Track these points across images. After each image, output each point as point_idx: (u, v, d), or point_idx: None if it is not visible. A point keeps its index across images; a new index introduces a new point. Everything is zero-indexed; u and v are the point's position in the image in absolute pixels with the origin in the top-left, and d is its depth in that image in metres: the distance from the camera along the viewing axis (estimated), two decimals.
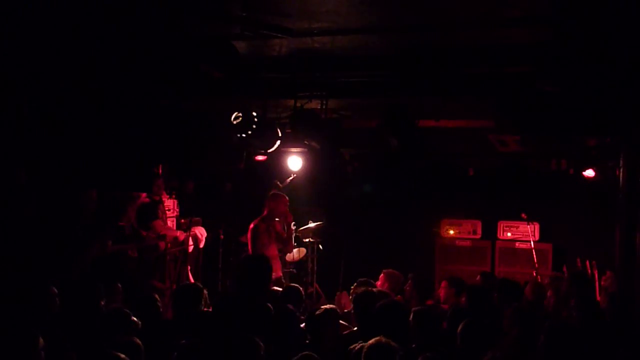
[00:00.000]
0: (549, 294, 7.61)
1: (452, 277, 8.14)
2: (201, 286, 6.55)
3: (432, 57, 7.08)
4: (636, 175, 6.48)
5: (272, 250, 9.31)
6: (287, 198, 9.74)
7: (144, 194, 9.72)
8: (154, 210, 9.81)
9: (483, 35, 6.49)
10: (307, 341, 5.71)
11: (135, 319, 5.58)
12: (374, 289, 6.95)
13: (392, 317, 5.53)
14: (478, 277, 8.20)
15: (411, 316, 5.52)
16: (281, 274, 9.35)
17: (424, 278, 7.59)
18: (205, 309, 6.14)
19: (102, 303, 6.00)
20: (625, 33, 5.75)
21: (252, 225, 9.42)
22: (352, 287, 7.66)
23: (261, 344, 4.87)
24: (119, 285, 6.90)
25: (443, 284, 8.09)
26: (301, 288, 6.91)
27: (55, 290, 5.84)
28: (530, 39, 6.43)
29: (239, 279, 6.43)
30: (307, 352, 4.88)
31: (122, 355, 4.49)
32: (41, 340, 4.47)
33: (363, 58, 7.36)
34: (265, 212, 9.56)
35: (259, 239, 9.23)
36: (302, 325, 5.93)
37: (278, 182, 11.07)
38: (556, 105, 6.49)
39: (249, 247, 9.42)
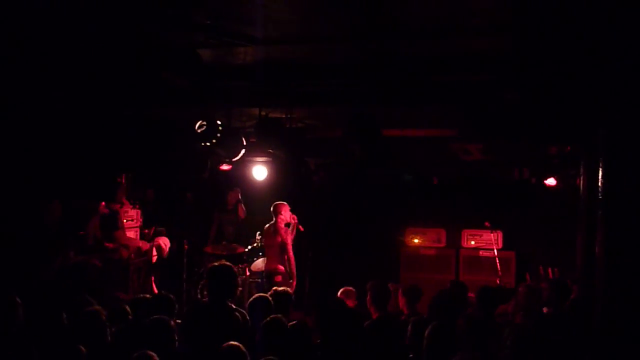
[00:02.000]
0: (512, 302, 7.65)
1: (408, 285, 8.07)
2: (172, 297, 6.53)
3: (396, 65, 7.12)
4: (596, 183, 6.57)
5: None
6: (286, 205, 10.40)
7: (103, 204, 9.66)
8: (114, 220, 9.79)
9: (446, 44, 6.54)
10: None
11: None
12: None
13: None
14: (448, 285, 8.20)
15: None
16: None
17: (383, 287, 7.51)
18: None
19: (64, 315, 5.90)
20: (586, 42, 5.85)
21: (285, 226, 10.25)
22: None
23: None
24: (87, 297, 6.75)
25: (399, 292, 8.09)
26: (270, 297, 6.84)
27: (19, 300, 5.74)
28: (493, 48, 6.50)
29: (210, 287, 6.41)
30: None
31: None
32: None
33: (327, 67, 7.38)
34: (278, 220, 10.23)
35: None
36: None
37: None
38: (518, 113, 6.58)
39: (289, 246, 10.18)
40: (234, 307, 6.31)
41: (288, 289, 7.27)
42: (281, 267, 10.12)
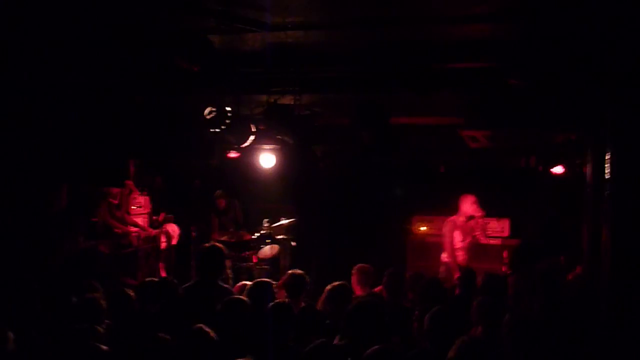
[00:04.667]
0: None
1: (412, 273, 8.13)
2: (175, 281, 6.55)
3: (404, 52, 7.14)
4: (602, 171, 6.61)
5: (457, 243, 10.42)
6: (471, 197, 10.42)
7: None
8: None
9: (453, 31, 6.56)
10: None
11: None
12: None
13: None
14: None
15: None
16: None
17: (397, 276, 7.59)
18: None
19: (74, 299, 5.95)
20: (592, 29, 5.87)
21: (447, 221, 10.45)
22: None
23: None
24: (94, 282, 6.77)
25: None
26: (274, 283, 6.87)
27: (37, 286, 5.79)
28: (500, 34, 6.52)
29: (198, 268, 6.50)
30: None
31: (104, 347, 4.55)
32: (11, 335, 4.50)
33: (336, 53, 7.40)
34: (458, 212, 10.44)
35: (449, 234, 10.38)
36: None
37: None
38: (523, 100, 6.60)
39: (454, 240, 10.38)
40: (225, 285, 6.39)
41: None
42: (445, 259, 10.37)
